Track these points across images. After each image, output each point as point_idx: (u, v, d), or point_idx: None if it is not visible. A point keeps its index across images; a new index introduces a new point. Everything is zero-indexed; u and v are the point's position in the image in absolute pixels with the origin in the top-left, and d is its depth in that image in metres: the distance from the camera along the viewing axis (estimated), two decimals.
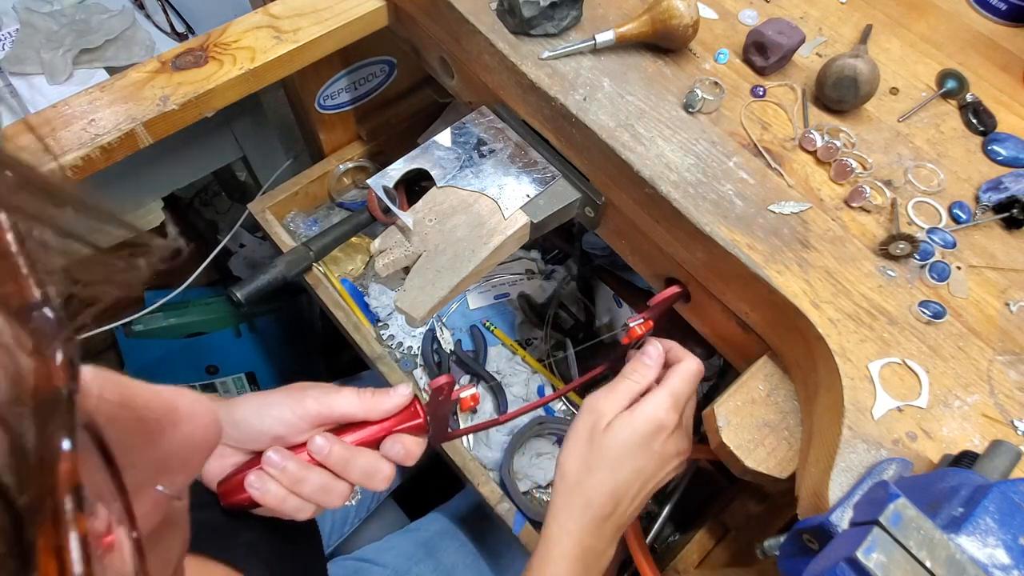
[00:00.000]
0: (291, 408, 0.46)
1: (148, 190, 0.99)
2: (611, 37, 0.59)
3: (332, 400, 0.47)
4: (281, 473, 0.45)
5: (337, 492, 0.47)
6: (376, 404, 0.47)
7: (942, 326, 0.48)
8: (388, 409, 0.48)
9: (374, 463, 0.47)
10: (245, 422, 0.46)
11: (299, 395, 0.47)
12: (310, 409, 0.46)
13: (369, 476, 0.47)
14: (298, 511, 0.46)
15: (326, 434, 0.46)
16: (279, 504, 0.45)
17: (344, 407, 0.47)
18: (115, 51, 0.89)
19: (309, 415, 0.46)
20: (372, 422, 0.48)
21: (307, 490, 0.46)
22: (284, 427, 0.46)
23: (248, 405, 0.47)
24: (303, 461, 0.46)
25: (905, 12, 0.69)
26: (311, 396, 0.47)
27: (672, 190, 0.51)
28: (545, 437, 0.87)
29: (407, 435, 0.49)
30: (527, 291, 0.98)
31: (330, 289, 0.86)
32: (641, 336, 0.58)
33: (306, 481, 0.45)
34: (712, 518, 0.79)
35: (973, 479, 0.35)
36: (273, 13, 0.67)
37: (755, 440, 0.48)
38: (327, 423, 0.47)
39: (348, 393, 0.47)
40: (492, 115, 0.66)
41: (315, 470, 0.46)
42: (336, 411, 0.47)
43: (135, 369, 1.34)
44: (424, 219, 0.61)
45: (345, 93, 0.89)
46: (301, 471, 0.45)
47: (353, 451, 0.47)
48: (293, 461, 0.45)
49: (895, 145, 0.58)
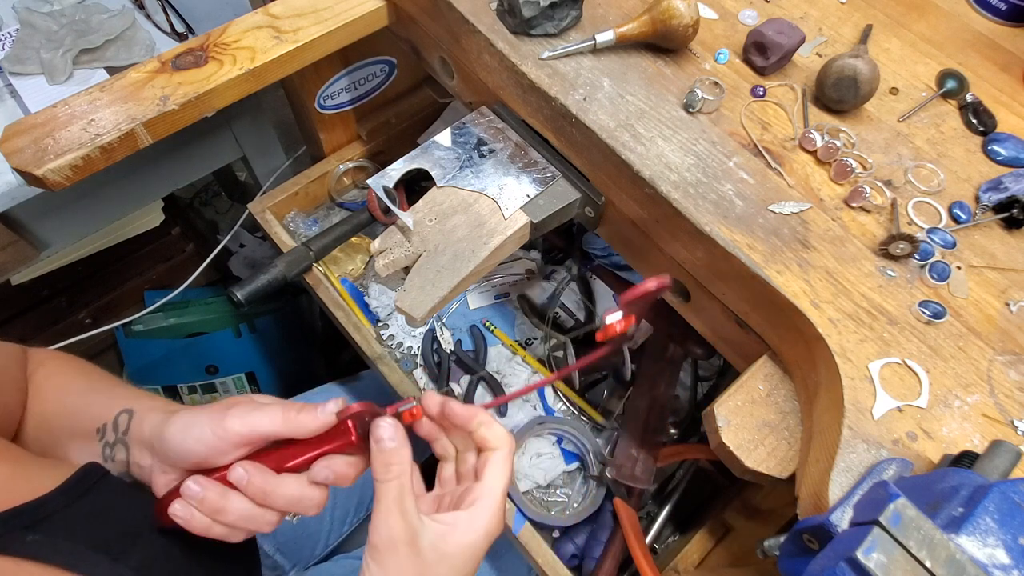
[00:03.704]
0: (211, 428, 0.43)
1: (148, 190, 1.00)
2: (611, 37, 0.59)
3: (254, 419, 0.44)
4: (200, 503, 0.43)
5: (264, 520, 0.44)
6: (301, 423, 0.44)
7: (942, 326, 0.48)
8: (314, 428, 0.44)
9: (299, 491, 0.44)
10: (172, 441, 0.44)
11: (220, 415, 0.44)
12: (231, 429, 0.43)
13: (295, 503, 0.44)
14: (228, 536, 0.44)
15: (245, 463, 0.44)
16: (206, 531, 0.43)
17: (266, 426, 0.44)
18: (115, 51, 0.89)
19: (230, 436, 0.43)
20: (301, 441, 0.45)
21: (230, 519, 0.43)
22: (205, 448, 0.43)
23: (177, 423, 0.44)
24: (223, 489, 0.43)
25: (905, 12, 0.69)
26: (233, 415, 0.44)
27: (672, 190, 0.51)
28: (545, 437, 0.87)
29: (339, 456, 0.45)
30: (527, 291, 0.98)
31: (330, 289, 0.86)
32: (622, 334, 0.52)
33: (227, 511, 0.43)
34: (712, 518, 0.79)
35: (973, 479, 0.35)
36: (273, 13, 0.67)
37: (755, 440, 0.48)
38: (253, 443, 0.44)
39: (273, 411, 0.44)
40: (492, 115, 0.66)
41: (236, 499, 0.43)
42: (257, 431, 0.44)
43: (135, 369, 1.34)
44: (424, 219, 0.61)
45: (345, 93, 0.89)
46: (221, 500, 0.43)
47: (274, 481, 0.44)
48: (212, 490, 0.43)
49: (895, 145, 0.58)
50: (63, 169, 0.56)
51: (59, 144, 0.57)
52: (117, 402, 0.49)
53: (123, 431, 0.48)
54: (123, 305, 1.41)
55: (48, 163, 0.56)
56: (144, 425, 0.47)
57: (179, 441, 0.44)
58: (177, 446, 0.44)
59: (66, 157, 0.56)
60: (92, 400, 0.51)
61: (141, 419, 0.47)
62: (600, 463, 0.83)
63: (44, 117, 0.59)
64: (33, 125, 0.58)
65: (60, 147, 0.57)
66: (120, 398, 0.50)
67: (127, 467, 0.48)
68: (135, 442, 0.47)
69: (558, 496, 0.84)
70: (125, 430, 0.48)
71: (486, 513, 0.44)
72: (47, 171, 0.56)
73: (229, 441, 0.43)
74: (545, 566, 0.71)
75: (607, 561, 0.77)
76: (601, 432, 0.88)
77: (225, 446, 0.43)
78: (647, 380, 0.85)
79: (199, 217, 1.61)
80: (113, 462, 0.48)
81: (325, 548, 0.90)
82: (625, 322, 0.50)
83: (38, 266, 1.03)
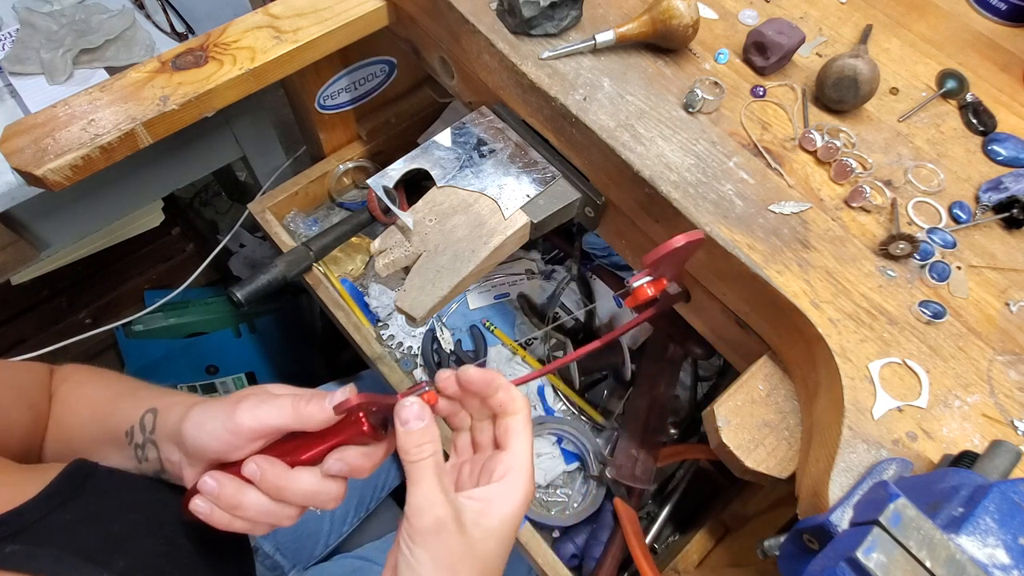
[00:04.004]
0: (222, 423, 0.42)
1: (148, 190, 1.00)
2: (611, 37, 0.59)
3: (263, 412, 0.42)
4: (217, 499, 0.42)
5: (283, 514, 0.43)
6: (311, 415, 0.42)
7: (942, 326, 0.48)
8: (322, 420, 0.42)
9: (314, 485, 0.43)
10: (188, 436, 0.43)
11: (230, 408, 0.43)
12: (241, 423, 0.42)
13: (311, 498, 0.43)
14: (251, 529, 0.44)
15: (258, 458, 0.43)
16: (227, 525, 0.43)
17: (276, 419, 0.42)
18: (115, 51, 0.89)
19: (241, 430, 0.42)
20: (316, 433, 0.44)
21: (250, 513, 0.42)
22: (219, 443, 0.43)
23: (192, 418, 0.44)
24: (240, 484, 0.42)
25: (905, 12, 0.69)
26: (243, 408, 0.42)
27: (672, 190, 0.51)
28: (545, 437, 0.87)
29: (352, 447, 0.43)
30: (527, 291, 0.98)
31: (330, 289, 0.86)
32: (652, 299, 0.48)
33: (244, 506, 0.42)
34: (712, 518, 0.79)
35: (973, 479, 0.35)
36: (273, 13, 0.67)
37: (755, 440, 0.48)
38: (266, 436, 0.43)
39: (283, 402, 0.43)
40: (492, 115, 0.66)
41: (253, 493, 0.42)
42: (267, 424, 0.42)
43: (135, 369, 1.34)
44: (424, 219, 0.61)
45: (345, 93, 0.89)
46: (237, 495, 0.42)
47: (287, 476, 0.43)
48: (229, 486, 0.42)
49: (895, 145, 0.58)
50: (63, 169, 0.56)
51: (59, 144, 0.57)
52: (142, 403, 0.49)
53: (150, 430, 0.47)
54: (123, 305, 1.41)
55: (48, 163, 0.56)
56: (168, 421, 0.46)
57: (194, 436, 0.43)
58: (193, 441, 0.43)
59: (66, 157, 0.56)
60: (118, 405, 0.51)
61: (165, 416, 0.47)
62: (600, 463, 0.83)
63: (44, 117, 0.59)
64: (33, 125, 0.58)
65: (60, 147, 0.57)
66: (144, 399, 0.49)
67: (160, 465, 0.47)
68: (162, 439, 0.46)
69: (558, 496, 0.84)
70: (152, 429, 0.47)
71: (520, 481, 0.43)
72: (47, 171, 0.56)
73: (241, 435, 0.42)
74: (545, 566, 0.71)
75: (607, 561, 0.77)
76: (601, 432, 0.88)
77: (238, 440, 0.43)
78: (647, 380, 0.85)
79: (199, 217, 1.61)
80: (147, 462, 0.48)
81: (325, 548, 0.90)
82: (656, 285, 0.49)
83: (38, 266, 1.03)
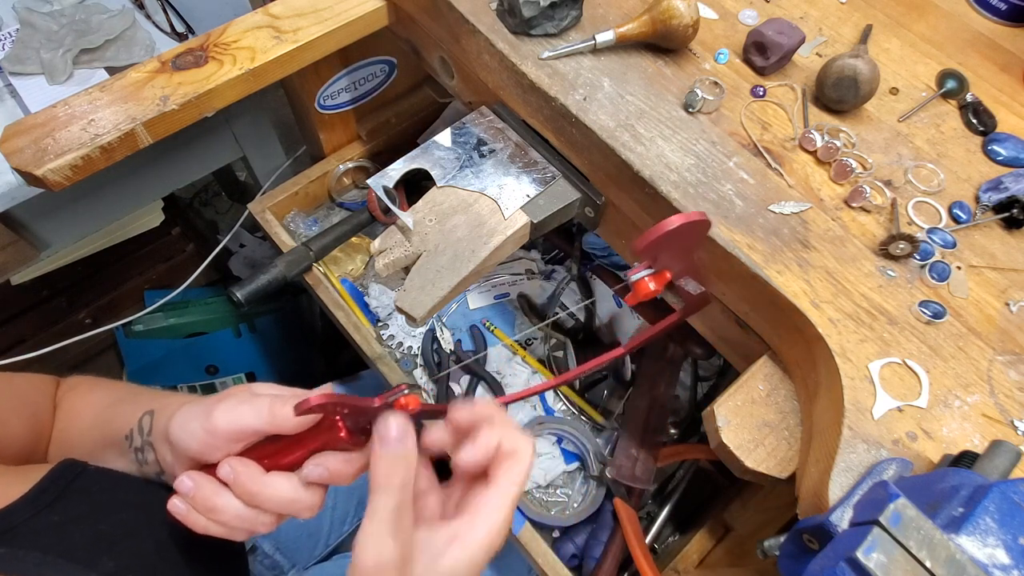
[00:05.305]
0: (200, 422, 0.41)
1: (148, 190, 1.00)
2: (611, 37, 0.59)
3: (239, 413, 0.40)
4: (193, 500, 0.41)
5: (259, 520, 0.41)
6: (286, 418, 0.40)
7: (942, 326, 0.48)
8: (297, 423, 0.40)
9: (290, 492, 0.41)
10: (172, 435, 0.42)
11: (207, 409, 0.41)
12: (217, 423, 0.40)
13: (286, 505, 0.41)
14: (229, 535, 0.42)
15: (232, 460, 0.41)
16: (205, 529, 0.41)
17: (251, 421, 0.40)
18: (115, 51, 0.89)
19: (217, 430, 0.40)
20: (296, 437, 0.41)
21: (224, 517, 0.41)
22: (198, 443, 0.41)
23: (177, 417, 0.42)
24: (216, 486, 0.41)
25: (905, 12, 0.69)
26: (221, 408, 0.41)
27: (672, 190, 0.51)
28: (545, 437, 0.87)
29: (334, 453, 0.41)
30: (527, 291, 0.98)
31: (330, 289, 0.86)
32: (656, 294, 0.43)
33: (220, 509, 0.40)
34: (712, 518, 0.79)
35: (973, 479, 0.35)
36: (273, 13, 0.67)
37: (755, 440, 0.48)
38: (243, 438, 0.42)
39: (260, 404, 0.41)
40: (492, 115, 0.66)
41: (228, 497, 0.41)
42: (242, 426, 0.40)
43: (135, 369, 1.34)
44: (424, 219, 0.61)
45: (345, 93, 0.89)
46: (213, 498, 0.40)
47: (262, 481, 0.40)
48: (205, 487, 0.40)
49: (895, 145, 0.58)
50: (63, 169, 0.56)
51: (59, 144, 0.57)
52: (141, 407, 0.49)
53: (147, 432, 0.47)
54: (123, 305, 1.41)
55: (48, 163, 0.56)
56: (162, 422, 0.46)
57: (178, 436, 0.42)
58: (176, 441, 0.42)
59: (66, 157, 0.56)
60: (119, 410, 0.51)
61: (160, 417, 0.46)
62: (600, 463, 0.83)
63: (44, 117, 0.59)
64: (33, 125, 0.58)
65: (60, 147, 0.57)
66: (143, 403, 0.49)
67: (159, 467, 0.47)
68: (158, 440, 0.46)
69: (558, 496, 0.84)
70: (148, 431, 0.47)
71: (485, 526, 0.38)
72: (47, 171, 0.56)
73: (218, 436, 0.41)
74: (545, 566, 0.71)
75: (607, 561, 0.77)
76: (601, 432, 0.88)
77: (216, 440, 0.41)
78: (647, 380, 0.85)
79: (199, 217, 1.61)
80: (147, 465, 0.47)
81: (325, 548, 0.90)
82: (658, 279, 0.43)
83: (38, 266, 1.03)
